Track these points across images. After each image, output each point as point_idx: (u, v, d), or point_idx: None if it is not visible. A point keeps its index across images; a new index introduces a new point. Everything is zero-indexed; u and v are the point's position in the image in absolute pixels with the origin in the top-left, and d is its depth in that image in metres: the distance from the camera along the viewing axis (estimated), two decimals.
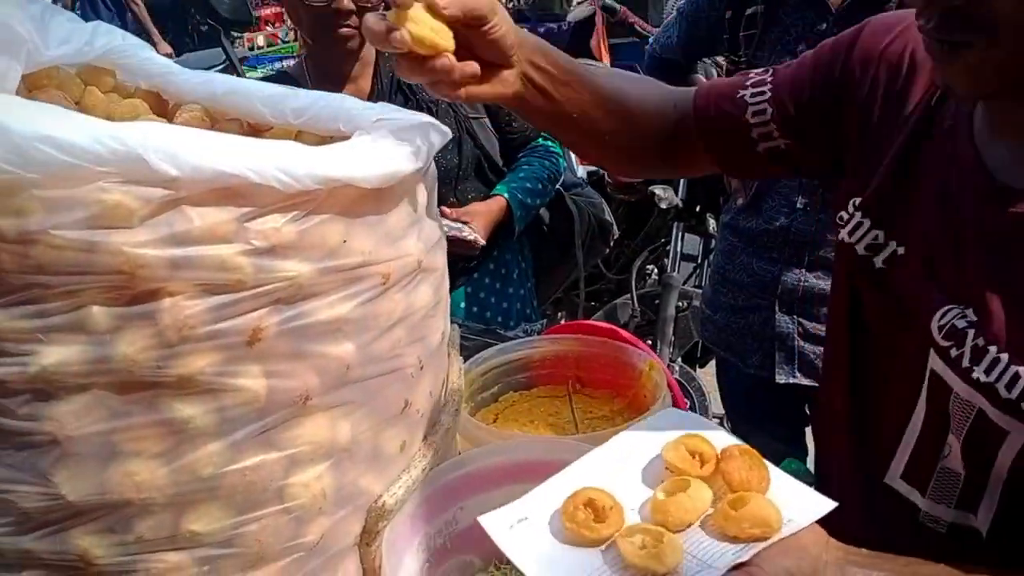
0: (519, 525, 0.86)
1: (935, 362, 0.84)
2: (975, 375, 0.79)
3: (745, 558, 0.76)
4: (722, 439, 0.92)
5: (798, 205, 1.88)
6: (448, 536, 1.05)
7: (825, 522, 0.81)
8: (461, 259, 1.89)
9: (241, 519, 0.80)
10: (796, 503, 0.83)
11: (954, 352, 0.82)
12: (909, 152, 0.92)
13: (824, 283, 1.90)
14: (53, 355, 0.71)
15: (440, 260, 0.99)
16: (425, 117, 0.91)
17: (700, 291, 2.87)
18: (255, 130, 1.09)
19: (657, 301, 2.98)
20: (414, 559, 1.01)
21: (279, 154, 0.73)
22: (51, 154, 0.66)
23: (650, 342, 2.97)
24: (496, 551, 1.09)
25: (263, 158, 0.72)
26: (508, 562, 1.09)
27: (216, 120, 1.08)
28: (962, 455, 0.83)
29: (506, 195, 2.00)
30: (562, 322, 3.32)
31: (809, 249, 1.89)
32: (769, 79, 1.05)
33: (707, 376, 3.19)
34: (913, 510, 0.89)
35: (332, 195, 0.78)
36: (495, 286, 2.06)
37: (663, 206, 2.96)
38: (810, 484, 1.02)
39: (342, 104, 0.98)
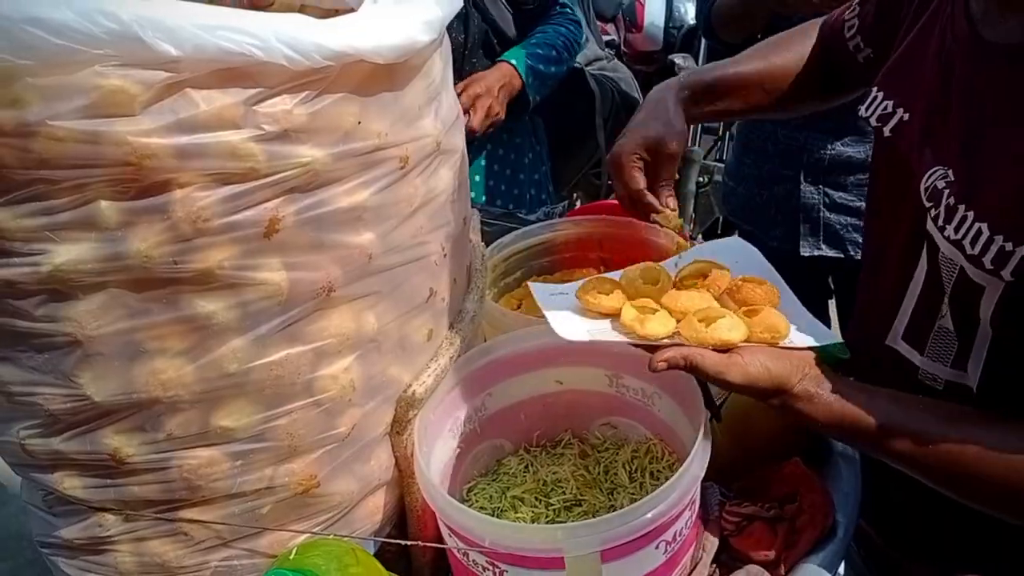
0: (558, 294, 0.97)
1: (929, 223, 0.86)
2: (947, 233, 0.82)
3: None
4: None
5: None
6: (478, 421, 1.05)
7: None
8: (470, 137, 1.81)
9: (271, 413, 0.79)
10: (803, 328, 0.90)
11: (933, 212, 0.84)
12: (920, 21, 0.93)
13: (852, 150, 1.83)
14: (65, 253, 0.68)
15: (459, 140, 0.94)
16: None
17: (721, 165, 2.80)
18: (255, 6, 1.03)
19: (678, 176, 2.91)
20: (445, 445, 1.01)
21: (285, 28, 0.67)
22: (42, 37, 0.60)
23: None
24: (525, 435, 1.10)
25: (268, 33, 0.66)
26: (538, 445, 1.10)
27: None
28: (950, 313, 0.86)
29: (513, 61, 1.85)
30: (578, 204, 3.27)
31: (836, 113, 1.82)
32: (857, 3, 1.12)
33: None
34: (912, 369, 0.93)
35: (343, 72, 0.73)
36: (506, 172, 1.96)
37: None
38: (845, 358, 1.01)
39: None
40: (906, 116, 0.93)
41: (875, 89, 0.98)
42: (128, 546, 0.81)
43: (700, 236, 2.90)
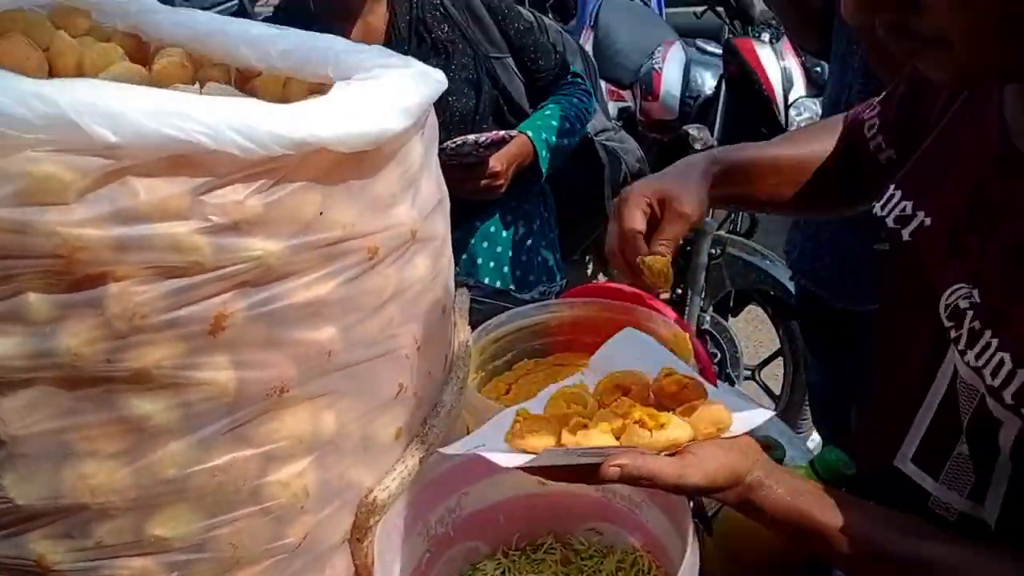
0: (479, 444, 0.81)
1: (950, 343, 0.79)
2: (967, 358, 0.75)
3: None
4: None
5: None
6: (452, 523, 0.98)
7: None
8: (476, 203, 1.78)
9: (212, 521, 0.72)
10: (739, 412, 0.82)
11: (954, 333, 0.77)
12: (948, 125, 0.87)
13: None
14: None
15: (440, 226, 0.89)
16: (418, 65, 0.80)
17: (734, 237, 2.74)
18: (243, 77, 0.99)
19: (689, 248, 2.84)
20: (414, 550, 0.93)
21: (238, 114, 0.62)
22: None
23: (680, 290, 2.85)
24: (504, 538, 1.03)
25: (219, 120, 0.61)
26: (517, 548, 1.03)
27: (200, 65, 0.98)
28: (967, 441, 0.78)
29: (529, 133, 1.82)
30: (589, 270, 3.21)
31: None
32: (878, 101, 1.06)
33: (738, 324, 3.09)
34: (923, 496, 0.84)
35: (305, 161, 0.67)
36: (513, 239, 1.92)
37: (697, 147, 2.78)
38: (850, 474, 0.93)
39: (331, 47, 0.88)
40: (927, 221, 0.85)
41: (892, 187, 0.91)
42: None
43: (711, 309, 2.83)
